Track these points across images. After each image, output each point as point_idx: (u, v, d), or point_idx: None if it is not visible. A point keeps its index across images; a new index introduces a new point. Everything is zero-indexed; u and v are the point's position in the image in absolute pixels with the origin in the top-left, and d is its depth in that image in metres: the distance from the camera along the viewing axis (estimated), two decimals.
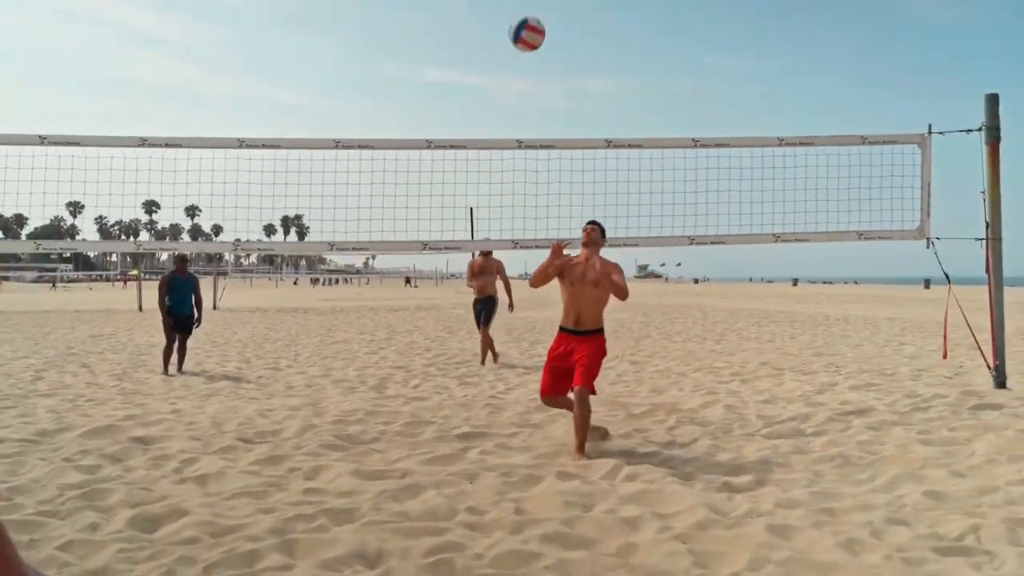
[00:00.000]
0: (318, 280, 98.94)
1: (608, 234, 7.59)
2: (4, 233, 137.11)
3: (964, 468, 5.42)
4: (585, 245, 6.11)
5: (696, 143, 7.57)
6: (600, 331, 6.05)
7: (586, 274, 5.95)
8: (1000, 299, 8.08)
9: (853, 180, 7.88)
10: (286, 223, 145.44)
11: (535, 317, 22.20)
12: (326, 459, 5.77)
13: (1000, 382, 8.24)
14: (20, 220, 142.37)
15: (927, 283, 62.59)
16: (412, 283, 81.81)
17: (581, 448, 5.78)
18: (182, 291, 11.03)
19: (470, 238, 8.82)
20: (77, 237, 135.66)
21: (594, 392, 5.94)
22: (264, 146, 7.04)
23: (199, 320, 11.18)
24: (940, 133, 8.01)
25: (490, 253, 11.75)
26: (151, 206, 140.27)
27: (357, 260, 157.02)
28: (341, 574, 3.69)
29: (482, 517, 4.50)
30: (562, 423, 6.79)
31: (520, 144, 7.33)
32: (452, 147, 7.22)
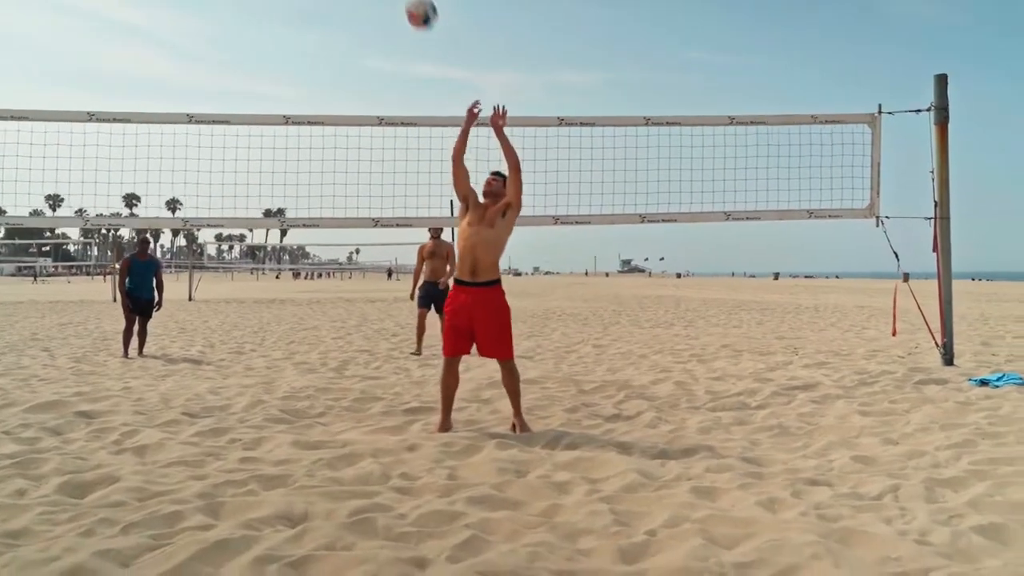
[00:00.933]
0: (300, 274, 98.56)
1: (562, 211, 7.66)
2: None
3: (898, 436, 5.50)
4: (486, 195, 5.82)
5: (648, 121, 7.61)
6: (497, 282, 5.76)
7: (486, 211, 5.72)
8: (948, 277, 8.18)
9: (804, 159, 7.96)
10: (268, 215, 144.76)
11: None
12: (269, 431, 5.77)
13: (948, 359, 8.35)
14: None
15: (906, 276, 63.20)
16: (394, 276, 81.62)
17: (519, 413, 5.81)
18: (143, 274, 10.91)
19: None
20: (57, 231, 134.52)
21: (512, 357, 5.84)
22: (214, 122, 7.01)
23: (159, 304, 11.07)
24: (890, 113, 8.09)
25: (440, 235, 11.18)
26: (131, 199, 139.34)
27: (340, 254, 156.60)
28: (260, 532, 3.70)
29: (414, 482, 4.53)
30: None
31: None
32: (404, 124, 7.23)
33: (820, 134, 7.96)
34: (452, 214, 8.90)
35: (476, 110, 5.94)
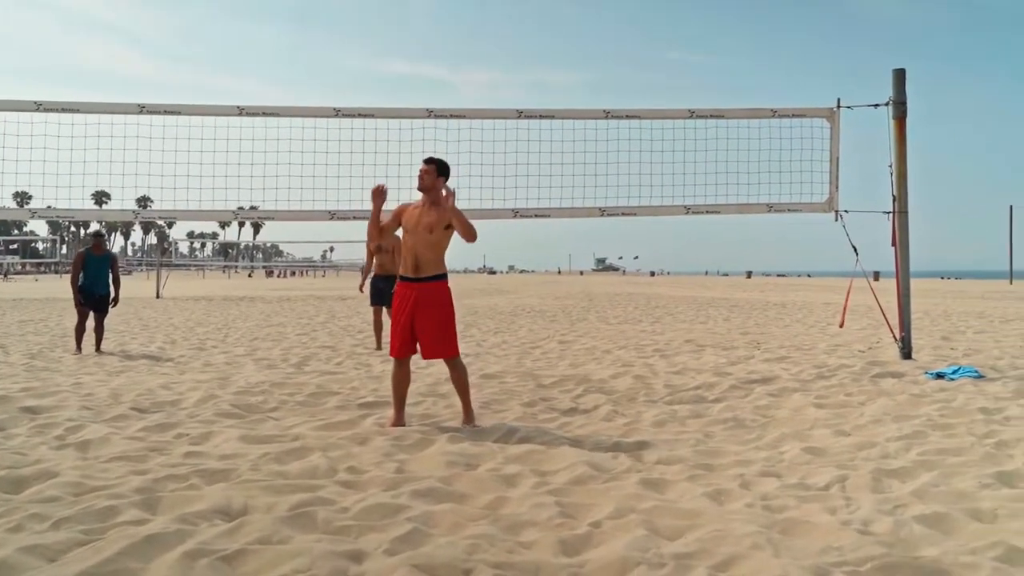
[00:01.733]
0: (273, 272, 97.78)
1: (520, 204, 7.60)
2: None
3: (850, 428, 5.51)
4: (420, 190, 5.62)
5: (607, 114, 7.58)
6: (441, 277, 5.61)
7: (420, 220, 5.55)
8: (906, 272, 8.24)
9: (764, 153, 7.98)
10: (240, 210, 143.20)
11: (478, 304, 22.18)
12: (218, 426, 5.66)
13: (906, 353, 8.40)
14: None
15: (876, 275, 63.81)
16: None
17: (468, 410, 5.75)
18: (97, 269, 10.63)
19: None
20: (24, 229, 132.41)
21: (457, 354, 5.73)
22: (166, 112, 6.88)
23: (116, 299, 10.85)
24: (848, 107, 8.12)
25: None
26: (101, 196, 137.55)
27: (315, 252, 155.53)
28: (195, 527, 3.61)
29: (360, 476, 4.46)
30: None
31: (430, 113, 7.27)
32: (360, 115, 7.14)
33: (780, 128, 8.00)
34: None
35: (384, 188, 5.71)
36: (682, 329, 13.98)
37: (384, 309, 10.90)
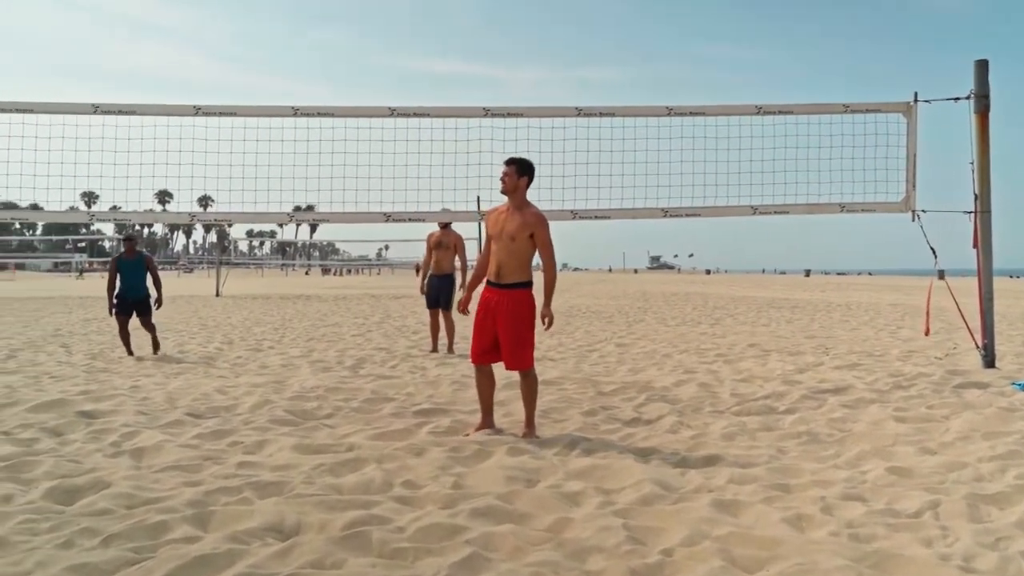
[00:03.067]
0: (329, 270, 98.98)
1: (579, 205, 7.37)
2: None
3: (936, 445, 5.15)
4: (503, 194, 5.44)
5: (670, 111, 7.29)
6: (525, 284, 5.41)
7: (504, 226, 5.39)
8: (989, 274, 7.78)
9: (835, 151, 7.60)
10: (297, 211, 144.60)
11: None
12: (272, 434, 5.55)
13: (989, 362, 7.94)
14: (36, 209, 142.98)
15: (941, 274, 61.93)
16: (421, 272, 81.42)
17: (530, 422, 5.54)
18: (132, 274, 10.32)
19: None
20: (91, 228, 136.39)
21: (530, 366, 5.53)
22: (221, 113, 6.82)
23: (159, 300, 10.54)
24: (926, 101, 7.69)
25: (449, 225, 10.62)
26: (164, 196, 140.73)
27: (370, 250, 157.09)
28: (247, 546, 3.47)
29: (417, 491, 4.28)
30: None
31: (487, 112, 7.08)
32: (416, 115, 6.98)
33: (852, 124, 7.60)
34: (478, 208, 8.65)
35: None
36: (744, 332, 13.57)
37: (440, 312, 10.80)
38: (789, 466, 4.71)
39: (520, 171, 5.39)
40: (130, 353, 10.20)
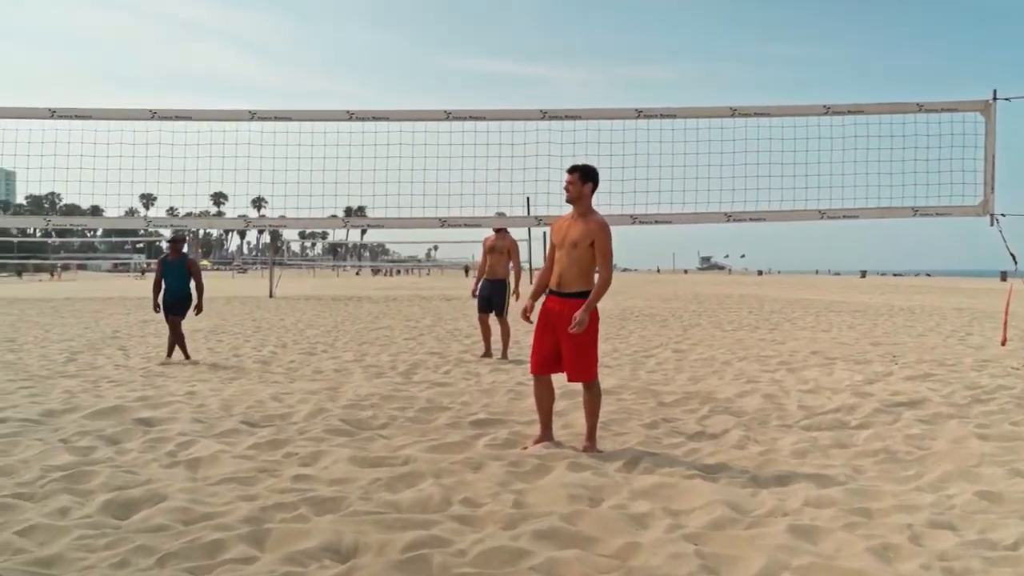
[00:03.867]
0: (379, 271, 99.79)
1: (640, 210, 7.15)
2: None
3: None
4: (568, 203, 5.33)
5: (734, 112, 7.03)
6: (587, 294, 5.22)
7: (567, 234, 5.26)
8: None
9: (908, 152, 7.24)
10: (349, 214, 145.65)
11: None
12: (328, 444, 5.46)
13: None
14: (96, 211, 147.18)
15: (1003, 275, 59.89)
16: (471, 273, 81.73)
17: (592, 436, 5.36)
18: (174, 276, 10.17)
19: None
20: (149, 229, 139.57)
21: (594, 378, 5.36)
22: (276, 118, 6.76)
23: (199, 306, 10.27)
24: (1006, 99, 7.30)
25: (504, 230, 10.59)
26: (219, 197, 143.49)
27: (419, 251, 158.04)
28: (305, 569, 3.36)
29: (476, 510, 4.14)
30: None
31: (544, 114, 6.91)
32: (472, 118, 6.84)
33: (928, 124, 7.23)
34: (527, 210, 8.50)
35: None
36: (804, 338, 13.17)
37: (491, 316, 10.67)
38: (868, 488, 4.45)
39: (584, 178, 5.24)
40: (187, 357, 10.17)
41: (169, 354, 10.08)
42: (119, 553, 3.45)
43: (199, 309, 10.30)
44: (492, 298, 10.61)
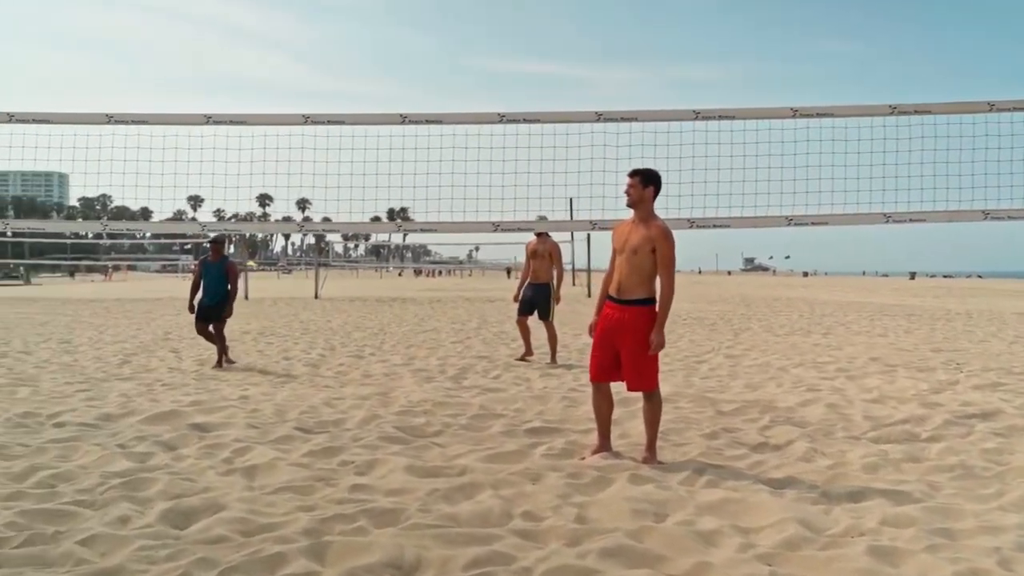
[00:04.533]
0: (421, 271, 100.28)
1: (697, 214, 6.98)
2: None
3: None
4: (629, 207, 5.20)
5: (795, 113, 6.83)
6: (647, 301, 5.10)
7: (628, 239, 5.13)
8: None
9: (978, 152, 6.97)
10: (392, 216, 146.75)
11: None
12: (383, 452, 5.39)
13: None
14: (146, 213, 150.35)
15: None
16: (513, 275, 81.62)
17: (652, 447, 5.21)
18: (212, 278, 10.03)
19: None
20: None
21: (655, 388, 5.23)
22: (329, 122, 6.73)
23: (229, 310, 10.05)
24: None
25: (545, 234, 10.36)
26: (265, 199, 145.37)
27: (460, 252, 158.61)
28: None
29: (539, 524, 4.03)
30: (642, 419, 6.19)
31: (599, 116, 6.78)
32: (525, 120, 6.73)
33: (999, 124, 6.95)
34: (570, 215, 8.40)
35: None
36: (861, 343, 12.83)
37: (531, 318, 10.59)
38: (948, 506, 4.25)
39: (645, 181, 5.11)
40: (227, 361, 10.02)
41: (219, 363, 9.93)
42: (181, 566, 3.41)
43: (228, 313, 10.04)
44: (536, 302, 10.51)
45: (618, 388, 5.45)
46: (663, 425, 6.08)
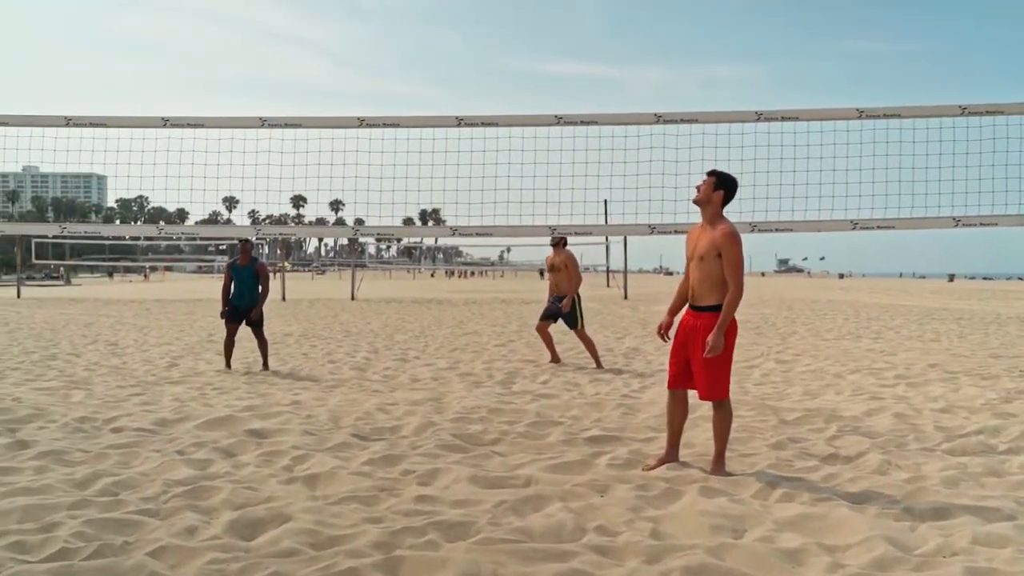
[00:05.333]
0: (453, 272, 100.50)
1: (759, 217, 6.82)
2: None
3: None
4: (694, 203, 5.06)
5: (861, 114, 6.64)
6: (720, 308, 4.93)
7: (696, 246, 5.02)
8: None
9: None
10: (424, 217, 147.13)
11: (663, 311, 21.26)
12: (443, 461, 5.30)
13: None
14: (182, 214, 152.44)
15: None
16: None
17: (720, 459, 5.06)
18: (241, 280, 9.88)
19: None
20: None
21: (724, 397, 5.09)
22: (384, 125, 6.67)
23: (258, 311, 9.85)
24: None
25: (560, 244, 10.15)
26: (299, 201, 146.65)
27: (492, 253, 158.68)
28: None
29: (614, 539, 3.90)
30: (704, 428, 6.05)
31: (658, 119, 6.64)
32: (583, 123, 6.62)
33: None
34: (605, 218, 8.30)
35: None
36: (915, 348, 12.53)
37: (551, 325, 10.59)
38: None
39: (719, 184, 4.98)
40: (228, 366, 9.86)
41: (265, 366, 9.91)
42: None
43: (257, 313, 9.86)
44: (560, 313, 10.34)
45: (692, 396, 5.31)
46: None
